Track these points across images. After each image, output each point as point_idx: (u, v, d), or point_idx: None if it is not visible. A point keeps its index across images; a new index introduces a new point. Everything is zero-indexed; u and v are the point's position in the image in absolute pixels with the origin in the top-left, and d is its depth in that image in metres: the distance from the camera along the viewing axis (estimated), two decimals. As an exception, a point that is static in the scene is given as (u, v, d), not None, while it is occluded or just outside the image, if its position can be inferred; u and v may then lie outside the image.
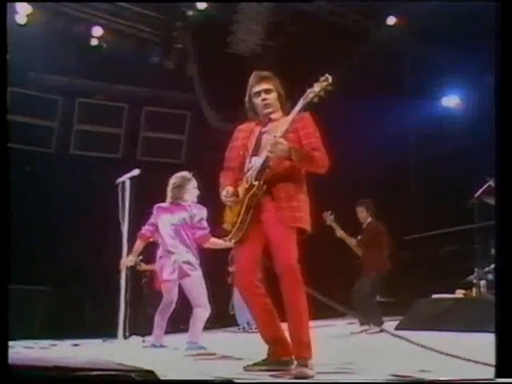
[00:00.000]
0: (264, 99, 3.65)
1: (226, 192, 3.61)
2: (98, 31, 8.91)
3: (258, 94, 3.67)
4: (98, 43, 9.04)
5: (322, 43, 8.96)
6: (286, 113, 3.63)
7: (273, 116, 3.68)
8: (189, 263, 5.35)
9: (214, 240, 5.35)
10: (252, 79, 3.73)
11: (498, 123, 2.72)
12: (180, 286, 5.46)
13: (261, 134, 3.67)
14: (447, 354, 3.32)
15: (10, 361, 2.23)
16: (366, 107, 9.39)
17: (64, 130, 10.04)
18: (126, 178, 5.42)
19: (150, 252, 7.77)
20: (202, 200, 5.63)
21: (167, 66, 9.89)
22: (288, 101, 3.72)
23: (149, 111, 10.63)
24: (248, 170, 3.60)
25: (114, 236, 5.69)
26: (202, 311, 5.29)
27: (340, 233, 7.21)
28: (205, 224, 5.39)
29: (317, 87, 3.46)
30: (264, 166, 3.51)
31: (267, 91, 3.66)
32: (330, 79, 3.46)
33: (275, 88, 3.68)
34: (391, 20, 9.31)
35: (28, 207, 8.44)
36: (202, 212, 5.43)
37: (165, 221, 5.50)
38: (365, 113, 9.50)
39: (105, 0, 8.98)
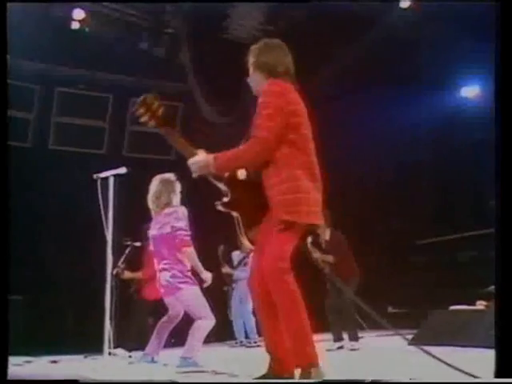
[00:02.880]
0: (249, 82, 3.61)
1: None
2: (79, 14, 8.85)
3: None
4: (80, 27, 8.97)
5: (328, 28, 8.91)
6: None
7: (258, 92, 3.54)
8: (176, 276, 5.31)
9: (189, 251, 5.29)
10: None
11: (497, 124, 2.88)
12: None
13: None
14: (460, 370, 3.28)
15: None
16: (376, 98, 9.36)
17: (42, 122, 10.01)
18: (109, 174, 5.36)
19: (135, 258, 7.80)
20: (191, 202, 5.62)
21: (157, 53, 9.83)
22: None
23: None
24: None
25: (97, 240, 5.64)
26: (204, 322, 5.25)
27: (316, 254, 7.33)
28: (184, 228, 5.31)
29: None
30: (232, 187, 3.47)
31: (249, 70, 3.60)
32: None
33: (252, 61, 3.58)
34: (405, 3, 9.26)
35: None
36: (176, 215, 5.37)
37: (151, 232, 5.56)
38: (375, 105, 9.47)
39: (103, 0, 8.97)
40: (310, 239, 7.08)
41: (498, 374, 2.78)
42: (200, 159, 3.43)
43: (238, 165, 3.43)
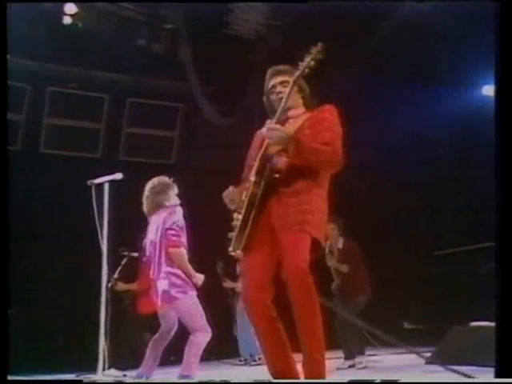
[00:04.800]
0: (279, 92, 3.75)
1: (225, 193, 3.71)
2: (71, 8, 8.82)
3: (274, 87, 3.79)
4: (73, 22, 8.94)
5: (338, 22, 8.90)
6: (311, 110, 3.74)
7: (291, 113, 3.74)
8: (173, 285, 5.30)
9: (177, 251, 5.28)
10: (267, 74, 3.86)
11: (497, 124, 3.08)
12: None
13: None
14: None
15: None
16: (390, 97, 9.33)
17: (32, 124, 10.00)
18: (104, 180, 5.36)
19: (132, 270, 7.79)
20: (190, 208, 5.62)
21: (155, 49, 9.82)
22: (314, 99, 3.82)
23: (133, 103, 10.60)
24: None
25: (92, 251, 5.63)
26: (201, 335, 5.23)
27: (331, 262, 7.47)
28: (174, 227, 5.29)
29: (307, 58, 3.58)
30: (263, 159, 3.57)
31: (282, 83, 3.76)
32: (320, 47, 3.59)
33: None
34: (419, -5, 9.23)
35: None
36: (173, 215, 5.36)
37: (147, 237, 5.55)
38: (389, 104, 9.43)
39: (102, 0, 8.99)
40: (327, 248, 7.25)
41: (498, 374, 2.96)
42: (284, 129, 3.54)
43: (313, 159, 3.53)
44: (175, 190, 5.55)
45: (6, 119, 2.93)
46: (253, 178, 3.56)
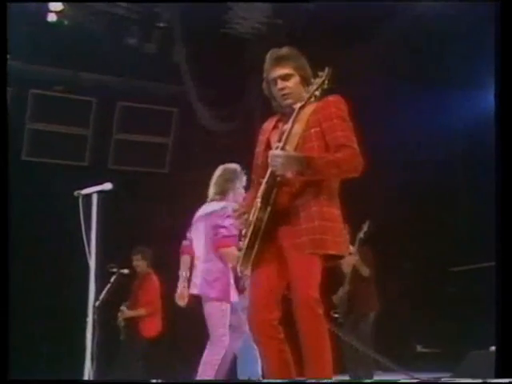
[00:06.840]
0: (281, 88, 3.69)
1: (234, 207, 3.79)
2: (57, 4, 8.80)
3: (275, 81, 3.73)
4: (58, 19, 8.94)
5: (344, 20, 8.90)
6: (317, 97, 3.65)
7: (296, 106, 3.63)
8: (209, 283, 5.38)
9: (228, 251, 5.31)
10: (266, 61, 3.77)
11: (498, 123, 3.30)
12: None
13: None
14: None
15: None
16: (400, 99, 9.33)
17: (14, 129, 9.91)
18: (92, 191, 5.31)
19: (123, 288, 7.71)
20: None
21: (148, 49, 9.84)
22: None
23: (124, 107, 10.57)
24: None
25: (78, 267, 5.57)
26: (215, 350, 5.35)
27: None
28: (226, 223, 5.38)
29: (313, 85, 3.53)
30: (269, 183, 3.53)
31: (285, 77, 3.70)
32: (326, 75, 3.51)
33: (296, 71, 3.70)
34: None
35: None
36: (223, 211, 5.45)
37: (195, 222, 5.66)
38: (399, 106, 9.43)
39: (98, 0, 9.01)
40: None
41: (498, 374, 3.13)
42: (291, 154, 3.46)
43: (333, 172, 3.51)
44: (243, 181, 5.62)
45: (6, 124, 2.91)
46: (259, 202, 3.53)
